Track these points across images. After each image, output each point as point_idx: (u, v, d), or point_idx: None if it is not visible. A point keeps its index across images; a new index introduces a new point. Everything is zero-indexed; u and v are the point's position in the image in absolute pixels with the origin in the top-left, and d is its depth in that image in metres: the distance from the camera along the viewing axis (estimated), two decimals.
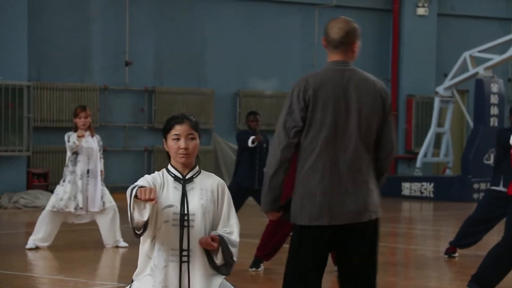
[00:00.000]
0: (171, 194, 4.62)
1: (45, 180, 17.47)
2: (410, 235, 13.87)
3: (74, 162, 10.93)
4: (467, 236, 10.38)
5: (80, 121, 10.96)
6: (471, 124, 19.74)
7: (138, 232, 4.56)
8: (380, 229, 5.12)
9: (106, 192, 11.12)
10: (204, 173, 4.74)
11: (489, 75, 18.99)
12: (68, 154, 10.96)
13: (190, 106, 18.51)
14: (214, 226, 4.69)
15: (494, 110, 18.91)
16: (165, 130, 4.70)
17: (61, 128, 16.65)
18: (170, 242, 4.59)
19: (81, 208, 10.90)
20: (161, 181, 4.65)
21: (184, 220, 4.59)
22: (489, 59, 19.04)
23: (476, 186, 18.91)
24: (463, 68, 19.46)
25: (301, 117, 4.92)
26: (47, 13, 17.81)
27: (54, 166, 17.44)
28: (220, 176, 4.89)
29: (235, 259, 4.70)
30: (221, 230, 4.68)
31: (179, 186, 4.64)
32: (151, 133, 18.51)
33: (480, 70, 18.99)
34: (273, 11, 19.94)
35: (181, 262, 4.60)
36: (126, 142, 18.51)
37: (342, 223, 4.90)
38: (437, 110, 19.98)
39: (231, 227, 4.71)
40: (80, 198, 10.89)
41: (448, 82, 19.72)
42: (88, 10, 18.24)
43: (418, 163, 20.22)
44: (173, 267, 4.60)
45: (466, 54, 19.30)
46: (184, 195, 4.62)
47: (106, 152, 17.38)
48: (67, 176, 10.92)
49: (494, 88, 18.92)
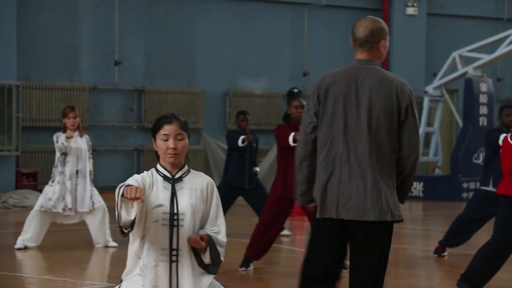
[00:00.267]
0: (161, 194, 4.62)
1: (34, 180, 17.42)
2: (400, 235, 13.86)
3: (63, 163, 10.90)
4: (457, 235, 10.39)
5: (69, 121, 10.93)
6: (461, 124, 19.76)
7: (126, 231, 4.56)
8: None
9: (95, 192, 11.09)
10: (193, 172, 4.75)
11: (478, 75, 19.02)
12: (57, 155, 10.94)
13: (180, 106, 18.48)
14: (202, 225, 4.69)
15: (483, 110, 18.94)
16: (154, 130, 4.70)
17: (51, 128, 16.61)
18: (160, 242, 4.60)
19: (70, 209, 10.87)
20: (150, 181, 4.65)
21: (174, 220, 4.59)
22: (478, 59, 19.07)
23: (466, 186, 18.94)
24: (453, 68, 19.48)
25: (314, 113, 5.09)
26: (36, 13, 17.76)
27: (43, 166, 17.40)
28: (210, 176, 4.88)
29: (222, 259, 4.71)
30: (209, 230, 4.68)
31: (169, 186, 4.65)
32: (141, 133, 18.48)
33: (470, 70, 19.02)
34: (263, 11, 19.92)
35: (171, 262, 4.60)
36: (116, 142, 18.46)
37: (348, 219, 4.99)
38: (427, 110, 19.99)
39: (219, 227, 4.72)
40: (69, 199, 10.86)
41: (438, 82, 19.75)
42: (78, 10, 18.19)
43: None
44: (163, 267, 4.60)
45: (456, 54, 19.32)
46: (174, 195, 4.62)
47: (96, 152, 17.35)
48: (56, 177, 10.89)
49: (483, 88, 18.95)
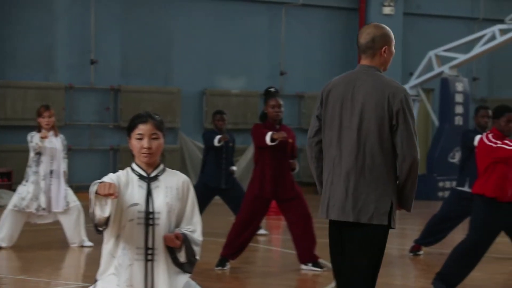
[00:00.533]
0: (136, 193, 4.61)
1: (9, 179, 17.29)
2: None
3: (37, 163, 10.81)
4: (432, 234, 10.40)
5: (44, 121, 10.84)
6: (436, 123, 19.81)
7: (100, 229, 4.55)
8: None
9: (70, 192, 11.02)
10: (169, 171, 4.74)
11: (454, 74, 19.08)
12: (31, 155, 10.85)
13: (156, 105, 18.39)
14: (178, 224, 4.68)
15: (459, 109, 19.00)
16: (129, 129, 4.70)
17: (26, 127, 16.47)
18: (135, 241, 4.58)
19: (44, 209, 10.80)
20: (126, 180, 4.63)
21: (149, 219, 4.59)
22: (454, 58, 19.12)
23: (441, 185, 18.98)
24: (429, 67, 19.52)
25: (317, 116, 5.28)
26: (11, 11, 17.62)
27: (18, 166, 17.23)
28: (187, 175, 4.87)
29: (198, 258, 4.70)
30: (185, 228, 4.66)
31: (144, 185, 4.64)
32: (117, 132, 18.38)
33: (445, 69, 19.07)
34: (240, 10, 19.87)
35: (146, 261, 4.59)
36: (92, 141, 18.36)
37: (333, 219, 5.22)
38: None
39: (195, 225, 4.71)
40: (43, 199, 10.78)
41: (414, 81, 19.78)
42: (53, 8, 18.07)
43: None
44: (138, 266, 4.59)
45: (432, 53, 19.37)
46: (149, 194, 4.62)
47: (71, 151, 17.24)
48: (30, 177, 10.81)
49: (459, 87, 19.01)
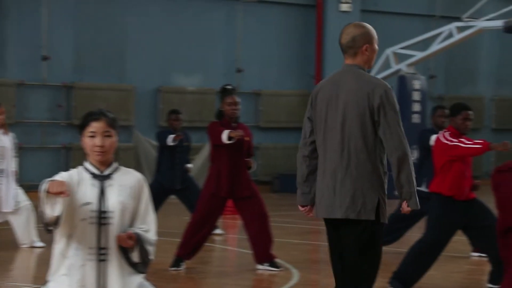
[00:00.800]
0: (89, 192, 4.54)
1: None
2: None
3: None
4: (389, 233, 10.34)
5: None
6: None
7: (51, 228, 4.46)
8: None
9: (20, 192, 10.90)
10: (123, 170, 4.67)
11: (412, 72, 19.12)
12: None
13: (110, 102, 18.18)
14: (132, 223, 4.61)
15: (416, 107, 19.03)
16: (81, 127, 4.63)
17: None
18: (88, 241, 4.52)
19: None
20: (78, 178, 4.55)
21: (102, 218, 4.53)
22: (412, 56, 19.18)
23: None
24: (386, 65, 19.53)
25: (308, 118, 5.49)
26: None
27: None
28: (141, 174, 4.75)
29: (152, 258, 4.62)
30: (138, 227, 4.59)
31: (97, 183, 4.57)
32: (69, 130, 18.17)
33: (403, 67, 19.10)
34: (196, 6, 19.75)
35: (99, 261, 4.53)
36: (43, 139, 18.16)
37: (321, 217, 5.43)
38: None
39: (149, 225, 4.63)
40: None
41: None
42: (4, 3, 17.81)
43: None
44: (91, 266, 4.53)
45: (389, 51, 19.38)
46: (102, 192, 4.55)
47: (22, 150, 16.98)
48: None
49: (417, 85, 19.03)
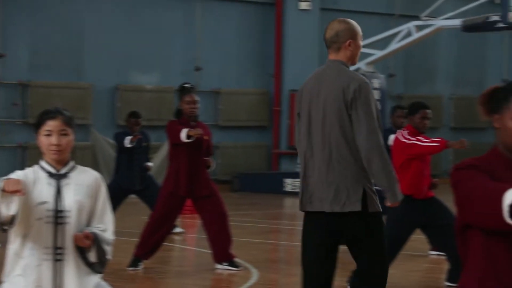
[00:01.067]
0: (45, 191, 4.48)
1: None
2: (292, 232, 13.80)
3: None
4: None
5: None
6: None
7: (5, 228, 4.39)
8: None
9: None
10: (80, 168, 4.62)
11: (371, 71, 19.17)
12: None
13: (67, 101, 17.97)
14: (89, 222, 4.57)
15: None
16: (37, 125, 4.57)
17: None
18: (44, 240, 4.45)
19: None
20: (34, 177, 4.50)
21: (58, 217, 4.47)
22: (371, 55, 19.23)
23: None
24: None
25: (298, 114, 5.60)
26: None
27: None
28: (99, 173, 4.70)
29: (109, 257, 4.57)
30: (95, 227, 4.55)
31: (53, 182, 4.51)
32: (25, 129, 17.99)
33: (362, 66, 19.13)
34: (155, 4, 19.66)
35: (55, 261, 4.47)
36: None
37: (311, 210, 5.56)
38: None
39: (106, 224, 4.58)
40: None
41: None
42: None
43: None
44: (47, 266, 4.46)
45: None
46: (58, 191, 4.50)
47: None
48: None
49: (376, 84, 19.07)
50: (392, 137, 8.85)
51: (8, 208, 4.28)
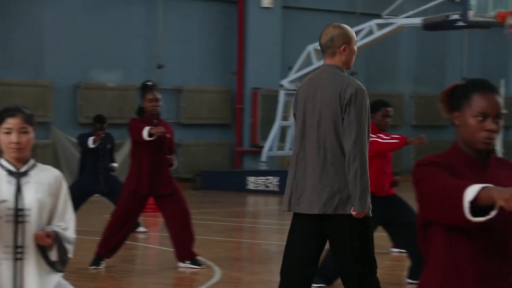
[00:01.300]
0: (4, 189, 4.43)
1: None
2: (255, 230, 13.84)
3: None
4: None
5: None
6: None
7: None
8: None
9: None
10: (40, 166, 4.58)
11: None
12: None
13: (27, 99, 17.84)
14: (50, 221, 4.53)
15: None
16: None
17: None
18: (4, 239, 4.41)
19: None
20: None
21: (19, 216, 4.43)
22: None
23: None
24: (307, 61, 19.61)
25: (294, 115, 5.69)
26: None
27: None
28: (60, 171, 4.67)
29: (70, 256, 4.55)
30: (56, 225, 4.52)
31: (13, 180, 4.46)
32: None
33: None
34: (116, 1, 19.58)
35: (16, 260, 4.43)
36: None
37: (299, 212, 5.58)
38: (282, 104, 20.07)
39: (67, 222, 4.55)
40: None
41: (293, 75, 19.84)
42: None
43: (264, 157, 20.26)
44: (7, 265, 4.42)
45: (310, 48, 19.45)
46: (19, 190, 4.46)
47: None
48: None
49: None
50: None
51: None
